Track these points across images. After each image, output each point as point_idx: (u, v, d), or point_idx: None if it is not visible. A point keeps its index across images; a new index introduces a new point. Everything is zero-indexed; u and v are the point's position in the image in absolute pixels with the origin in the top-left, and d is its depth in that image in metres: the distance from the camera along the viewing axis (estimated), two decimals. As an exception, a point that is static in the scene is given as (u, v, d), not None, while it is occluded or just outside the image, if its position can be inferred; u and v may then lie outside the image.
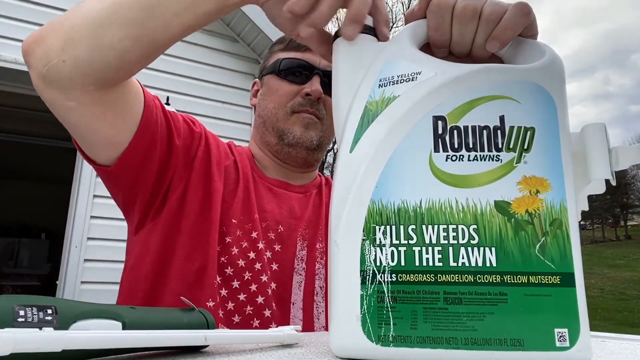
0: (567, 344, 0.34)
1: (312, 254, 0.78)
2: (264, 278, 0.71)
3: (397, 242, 0.38)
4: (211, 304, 0.67)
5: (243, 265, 0.71)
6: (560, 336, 0.34)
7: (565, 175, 0.37)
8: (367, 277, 0.37)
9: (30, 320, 0.29)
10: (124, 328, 0.34)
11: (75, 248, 2.69)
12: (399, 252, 0.37)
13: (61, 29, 0.55)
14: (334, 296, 0.39)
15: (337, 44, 0.46)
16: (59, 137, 4.52)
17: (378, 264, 0.38)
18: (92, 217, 2.75)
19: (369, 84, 0.43)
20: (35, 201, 6.16)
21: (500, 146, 0.38)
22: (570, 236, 0.36)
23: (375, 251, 0.38)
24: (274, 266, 0.74)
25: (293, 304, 0.73)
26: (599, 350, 0.43)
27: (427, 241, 0.37)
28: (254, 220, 0.75)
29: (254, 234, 0.74)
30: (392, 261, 0.37)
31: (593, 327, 0.38)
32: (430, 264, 0.37)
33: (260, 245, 0.73)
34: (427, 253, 0.37)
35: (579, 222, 0.39)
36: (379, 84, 0.42)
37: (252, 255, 0.72)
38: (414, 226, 0.38)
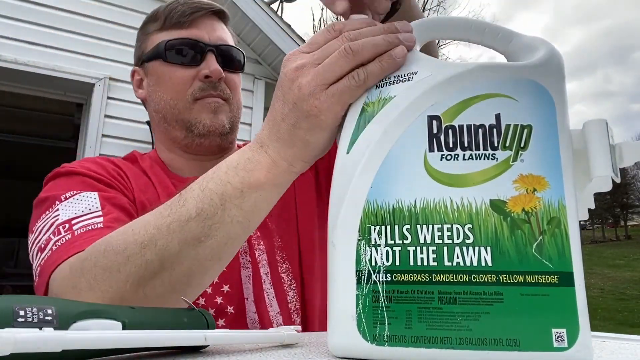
0: (566, 344, 0.34)
1: (250, 242, 0.72)
2: (209, 290, 0.67)
3: (392, 242, 0.37)
4: None
5: None
6: (558, 336, 0.34)
7: (564, 173, 0.37)
8: (363, 277, 0.37)
9: (30, 320, 0.29)
10: (124, 328, 0.34)
11: (74, 248, 2.69)
12: (393, 252, 0.37)
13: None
14: (332, 296, 0.39)
15: None
16: (59, 137, 4.53)
17: (373, 264, 0.37)
18: (91, 217, 2.75)
19: None
20: (35, 201, 6.16)
21: (496, 144, 0.38)
22: (570, 235, 0.35)
23: (371, 251, 0.38)
24: None
25: (247, 299, 0.69)
26: (598, 351, 0.43)
27: (422, 241, 0.37)
28: None
29: None
30: (387, 261, 0.37)
31: (593, 327, 0.37)
32: (425, 263, 0.36)
33: None
34: (421, 253, 0.37)
35: (580, 221, 0.38)
36: (376, 85, 0.42)
37: None
38: (408, 226, 0.37)
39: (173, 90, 0.73)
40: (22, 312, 0.29)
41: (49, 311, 0.30)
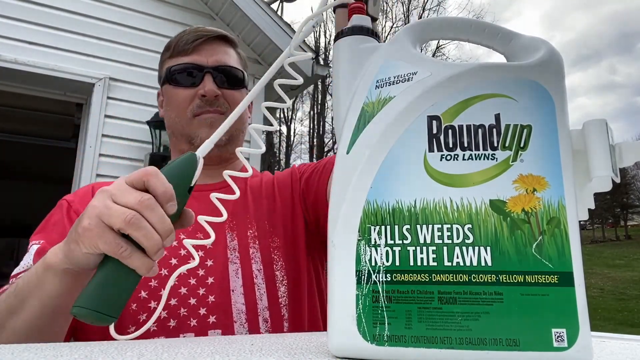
0: (565, 344, 0.34)
1: (244, 241, 0.80)
2: (192, 281, 0.74)
3: (392, 242, 0.37)
4: (132, 328, 0.68)
5: (166, 273, 0.73)
6: (558, 336, 0.34)
7: (563, 173, 0.37)
8: (363, 277, 0.37)
9: None
10: None
11: (74, 248, 2.68)
12: (393, 252, 0.37)
13: None
14: (332, 296, 0.39)
15: (337, 45, 0.47)
16: (59, 137, 4.53)
17: (373, 264, 0.37)
18: (91, 217, 2.75)
19: (366, 85, 0.43)
20: (35, 201, 6.16)
21: (495, 145, 0.38)
22: (569, 235, 0.36)
23: (371, 251, 0.38)
24: (209, 262, 0.76)
25: (232, 291, 0.75)
26: (598, 351, 0.43)
27: (422, 241, 0.37)
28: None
29: (175, 242, 0.76)
30: (387, 261, 0.37)
31: (593, 327, 0.37)
32: (425, 263, 0.36)
33: (183, 252, 0.75)
34: (421, 253, 0.37)
35: (580, 221, 0.38)
36: (376, 85, 0.42)
37: (174, 261, 0.74)
38: (408, 226, 0.37)
39: (177, 108, 0.85)
40: None
41: None
